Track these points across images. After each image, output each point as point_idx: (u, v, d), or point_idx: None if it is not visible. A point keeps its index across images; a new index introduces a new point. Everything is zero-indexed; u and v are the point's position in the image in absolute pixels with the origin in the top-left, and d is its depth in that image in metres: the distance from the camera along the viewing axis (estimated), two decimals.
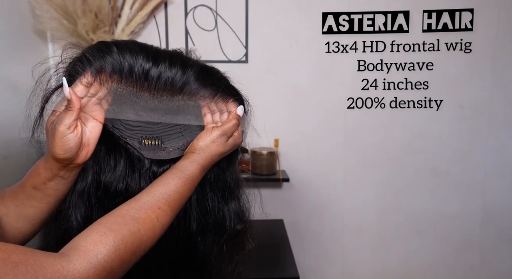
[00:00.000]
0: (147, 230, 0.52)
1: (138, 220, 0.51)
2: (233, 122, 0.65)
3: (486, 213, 1.93)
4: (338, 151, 1.89)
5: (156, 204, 0.54)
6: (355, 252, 1.98)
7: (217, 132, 0.64)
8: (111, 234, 0.48)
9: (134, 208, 0.53)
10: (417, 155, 1.89)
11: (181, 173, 0.59)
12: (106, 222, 0.50)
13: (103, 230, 0.48)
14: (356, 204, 1.94)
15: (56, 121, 0.58)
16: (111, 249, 0.47)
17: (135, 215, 0.52)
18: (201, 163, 0.62)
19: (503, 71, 1.83)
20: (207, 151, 0.63)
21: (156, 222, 0.53)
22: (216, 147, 0.63)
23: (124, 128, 0.63)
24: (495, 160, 1.90)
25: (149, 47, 0.61)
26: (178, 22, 1.76)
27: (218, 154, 0.64)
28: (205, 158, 0.62)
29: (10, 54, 1.40)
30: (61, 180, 0.59)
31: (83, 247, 0.45)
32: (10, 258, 0.40)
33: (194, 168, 0.61)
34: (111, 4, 1.60)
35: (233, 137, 0.65)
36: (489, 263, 1.98)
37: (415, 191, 1.92)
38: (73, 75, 0.60)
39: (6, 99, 1.36)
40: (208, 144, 0.63)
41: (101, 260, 0.45)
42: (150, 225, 0.52)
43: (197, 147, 0.63)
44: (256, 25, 1.78)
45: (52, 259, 0.43)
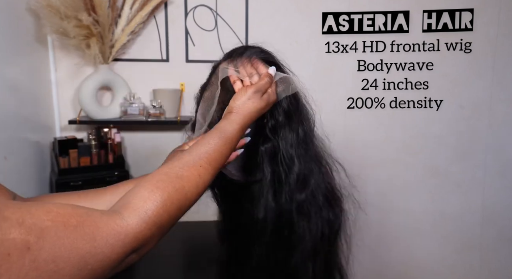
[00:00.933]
0: (190, 187, 0.56)
1: (182, 178, 0.55)
2: (266, 80, 0.71)
3: (486, 213, 1.93)
4: (338, 151, 1.89)
5: (198, 162, 0.59)
6: (355, 252, 1.97)
7: (251, 89, 0.69)
8: (158, 191, 0.51)
9: (178, 166, 0.57)
10: (417, 155, 1.89)
11: (221, 133, 0.64)
12: (152, 179, 0.53)
13: (150, 188, 0.52)
14: (356, 204, 1.93)
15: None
16: (159, 205, 0.50)
17: (179, 173, 0.56)
18: (239, 122, 0.66)
19: (503, 71, 1.83)
20: (244, 108, 0.68)
21: (199, 179, 0.57)
22: (252, 103, 0.68)
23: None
24: (495, 160, 1.90)
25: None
26: (178, 22, 1.76)
27: (255, 110, 0.69)
28: (243, 116, 0.67)
29: (10, 55, 1.40)
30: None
31: (133, 204, 0.49)
32: (69, 222, 0.42)
33: (233, 128, 0.65)
34: (111, 4, 1.60)
35: (267, 93, 0.71)
36: (489, 263, 1.98)
37: (415, 191, 1.92)
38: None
39: (6, 99, 1.36)
40: (245, 101, 0.68)
41: (150, 215, 0.49)
42: (193, 182, 0.56)
43: (234, 106, 0.68)
44: (256, 25, 1.78)
45: (106, 218, 0.46)
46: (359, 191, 2.02)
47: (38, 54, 1.64)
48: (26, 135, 1.52)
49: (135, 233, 0.47)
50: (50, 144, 1.69)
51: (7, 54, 1.37)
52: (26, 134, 1.52)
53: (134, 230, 0.47)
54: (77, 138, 1.66)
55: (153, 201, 0.50)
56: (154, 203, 0.50)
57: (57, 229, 0.41)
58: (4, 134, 1.33)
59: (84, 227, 0.43)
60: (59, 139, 1.61)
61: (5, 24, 1.37)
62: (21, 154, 1.46)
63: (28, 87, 1.55)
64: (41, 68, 1.66)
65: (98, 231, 0.44)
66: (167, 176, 0.54)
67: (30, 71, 1.57)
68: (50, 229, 0.40)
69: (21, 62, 1.49)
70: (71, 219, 0.43)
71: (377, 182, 1.92)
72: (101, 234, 0.44)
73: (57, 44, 1.69)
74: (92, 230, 0.43)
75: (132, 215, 0.48)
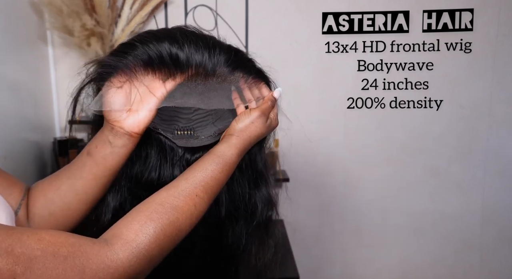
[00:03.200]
0: (185, 219, 0.53)
1: (177, 209, 0.52)
2: (269, 104, 0.65)
3: (486, 213, 1.93)
4: (338, 151, 1.89)
5: (193, 191, 0.55)
6: (355, 252, 1.98)
7: (256, 113, 0.63)
8: (151, 224, 0.49)
9: (173, 195, 0.53)
10: (417, 155, 1.89)
11: (219, 159, 0.58)
12: (146, 210, 0.51)
13: (144, 219, 0.49)
14: (356, 204, 1.94)
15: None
16: (151, 239, 0.48)
17: (174, 203, 0.52)
18: (239, 147, 0.61)
19: (503, 71, 1.83)
20: (246, 133, 0.62)
21: (194, 210, 0.54)
22: (255, 128, 0.63)
23: (159, 120, 0.64)
24: (495, 160, 1.90)
25: (173, 32, 0.60)
26: (178, 22, 1.75)
27: (256, 135, 0.63)
28: (244, 140, 0.61)
29: (10, 55, 1.40)
30: (109, 147, 0.59)
31: (125, 236, 0.47)
32: (59, 252, 0.41)
33: (231, 153, 0.60)
34: (111, 4, 1.60)
35: (270, 118, 0.66)
36: (489, 263, 1.98)
37: (415, 191, 1.92)
38: (103, 79, 0.59)
39: (6, 99, 1.36)
40: (248, 125, 0.62)
41: (142, 250, 0.47)
42: (188, 214, 0.53)
43: (236, 129, 0.62)
44: (256, 25, 1.78)
45: (97, 249, 0.44)
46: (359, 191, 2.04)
47: (38, 53, 1.64)
48: (26, 135, 1.52)
49: (125, 267, 0.45)
50: (50, 144, 1.69)
51: (7, 53, 1.37)
52: (26, 134, 1.52)
53: (124, 265, 0.45)
54: (77, 138, 1.66)
55: (146, 235, 0.48)
56: (147, 237, 0.48)
57: (46, 260, 0.40)
58: (4, 134, 1.33)
59: (75, 258, 0.42)
60: (59, 139, 1.61)
61: (5, 24, 1.37)
62: (21, 154, 1.46)
63: (28, 87, 1.54)
64: (41, 68, 1.66)
65: (88, 263, 0.42)
66: (162, 207, 0.51)
67: (30, 71, 1.57)
68: (39, 260, 0.39)
69: (21, 62, 1.49)
70: (62, 249, 0.41)
71: (377, 182, 1.92)
72: (90, 267, 0.42)
73: (57, 44, 1.69)
74: (82, 261, 0.42)
75: (124, 248, 0.46)
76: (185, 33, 0.60)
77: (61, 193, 0.61)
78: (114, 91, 0.57)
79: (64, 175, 0.62)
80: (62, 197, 0.61)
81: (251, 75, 0.65)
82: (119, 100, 0.57)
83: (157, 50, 0.56)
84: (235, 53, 0.64)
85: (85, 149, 0.62)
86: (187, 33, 0.61)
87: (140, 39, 0.58)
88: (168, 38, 0.58)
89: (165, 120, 0.66)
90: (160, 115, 0.64)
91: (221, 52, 0.61)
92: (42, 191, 0.62)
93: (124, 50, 0.57)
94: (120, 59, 0.56)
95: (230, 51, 0.63)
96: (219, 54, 0.61)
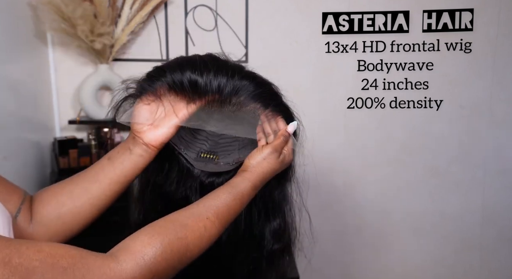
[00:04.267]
0: (194, 239, 0.53)
1: (186, 227, 0.53)
2: (282, 139, 0.66)
3: (486, 213, 1.93)
4: (338, 151, 1.89)
5: (205, 214, 0.56)
6: (355, 252, 1.98)
7: (268, 150, 0.65)
8: (159, 237, 0.49)
9: (184, 215, 0.55)
10: (417, 155, 1.89)
11: (232, 189, 0.61)
12: (155, 225, 0.51)
13: (151, 233, 0.49)
14: (356, 204, 1.93)
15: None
16: (158, 252, 0.48)
17: (184, 222, 0.53)
18: (252, 181, 0.63)
19: (503, 71, 1.83)
20: (258, 168, 0.64)
21: (204, 231, 0.54)
22: (267, 164, 0.64)
23: (191, 138, 0.70)
24: (495, 160, 1.90)
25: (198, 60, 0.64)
26: (178, 22, 1.76)
27: (269, 171, 0.65)
28: (257, 175, 0.63)
29: (10, 55, 1.40)
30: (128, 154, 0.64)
31: (132, 248, 0.47)
32: (58, 263, 0.41)
33: (245, 185, 0.62)
34: (111, 4, 1.60)
35: (283, 154, 0.66)
36: (489, 263, 1.98)
37: (415, 191, 1.92)
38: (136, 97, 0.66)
39: (6, 99, 1.36)
40: (260, 162, 0.64)
41: (147, 262, 0.46)
42: (197, 234, 0.53)
43: (249, 165, 0.64)
44: (256, 25, 1.78)
45: (100, 261, 0.44)
46: (359, 191, 2.04)
47: (38, 54, 1.64)
48: (26, 135, 1.52)
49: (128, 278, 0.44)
50: (50, 144, 1.69)
51: (7, 53, 1.37)
52: (26, 134, 1.52)
53: (127, 276, 0.44)
54: (77, 138, 1.66)
55: (152, 247, 0.47)
56: (153, 249, 0.47)
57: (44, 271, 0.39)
58: (4, 134, 1.33)
59: (75, 270, 0.41)
60: (59, 139, 1.61)
61: (5, 24, 1.37)
62: (21, 154, 1.46)
63: (28, 87, 1.55)
64: (40, 68, 1.66)
65: (89, 274, 0.42)
66: (171, 223, 0.52)
67: (30, 71, 1.57)
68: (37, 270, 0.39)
69: (21, 62, 1.49)
70: (61, 261, 0.41)
71: (377, 182, 1.92)
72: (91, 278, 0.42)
73: (57, 44, 1.69)
74: (82, 273, 0.41)
75: (128, 259, 0.45)
76: (210, 61, 0.65)
77: (74, 196, 0.63)
78: (141, 106, 0.64)
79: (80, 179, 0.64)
80: (75, 200, 0.63)
81: (268, 107, 0.66)
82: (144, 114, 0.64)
83: (180, 77, 0.62)
84: (258, 84, 0.65)
85: (106, 155, 0.66)
86: (211, 61, 0.65)
87: (169, 65, 0.65)
88: (191, 65, 0.63)
89: (196, 139, 0.70)
90: (194, 134, 0.70)
91: (242, 80, 0.64)
92: (54, 194, 0.63)
93: (155, 75, 0.64)
94: (150, 83, 0.64)
95: (252, 80, 0.65)
96: (238, 82, 0.63)
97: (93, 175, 0.64)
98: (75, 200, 0.62)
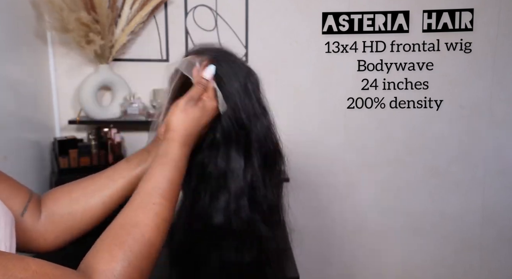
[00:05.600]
0: (151, 232, 0.51)
1: (138, 225, 0.50)
2: (197, 86, 0.63)
3: (486, 213, 1.93)
4: (338, 151, 1.89)
5: (149, 201, 0.53)
6: (355, 252, 1.98)
7: (183, 101, 0.61)
8: (119, 250, 0.47)
9: (130, 212, 0.52)
10: (417, 155, 1.89)
11: (163, 158, 0.58)
12: (107, 238, 0.49)
13: (109, 247, 0.48)
14: (356, 204, 1.93)
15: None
16: (125, 263, 0.46)
17: (133, 220, 0.51)
18: (177, 139, 0.59)
19: (503, 71, 1.83)
20: (179, 123, 0.60)
21: (157, 219, 0.52)
22: (186, 115, 0.60)
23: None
24: (495, 160, 1.90)
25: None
26: (178, 22, 1.76)
27: (191, 122, 0.61)
28: (180, 131, 0.60)
29: (10, 55, 1.40)
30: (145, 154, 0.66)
31: (98, 268, 0.46)
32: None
33: (173, 148, 0.58)
34: (111, 4, 1.60)
35: (202, 100, 0.62)
36: (489, 263, 1.98)
37: (415, 191, 1.92)
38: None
39: (6, 99, 1.36)
40: (178, 116, 0.60)
41: (119, 276, 0.45)
42: (152, 225, 0.51)
43: (170, 123, 0.60)
44: (256, 25, 1.78)
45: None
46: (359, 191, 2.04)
47: (38, 53, 1.64)
48: (26, 135, 1.52)
49: None
50: (50, 144, 1.69)
51: (7, 53, 1.37)
52: (26, 134, 1.52)
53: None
54: (77, 138, 1.66)
55: (118, 261, 0.46)
56: (119, 263, 0.46)
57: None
58: (4, 134, 1.33)
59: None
60: (59, 139, 1.61)
61: (5, 24, 1.37)
62: (21, 154, 1.46)
63: (28, 86, 1.54)
64: (41, 68, 1.66)
65: None
66: (122, 229, 0.50)
67: (30, 71, 1.57)
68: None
69: (21, 62, 1.49)
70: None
71: (377, 182, 1.92)
72: None
73: (57, 44, 1.69)
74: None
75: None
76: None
77: (88, 193, 0.63)
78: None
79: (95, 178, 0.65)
80: (88, 197, 0.63)
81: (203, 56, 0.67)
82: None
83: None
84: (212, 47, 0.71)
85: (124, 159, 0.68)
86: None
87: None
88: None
89: None
90: None
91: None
92: (67, 191, 0.64)
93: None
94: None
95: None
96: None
97: (109, 175, 0.65)
98: (88, 197, 0.63)
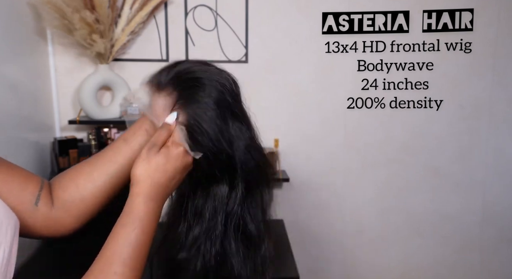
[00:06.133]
0: None
1: None
2: (160, 131, 0.58)
3: (486, 213, 1.93)
4: (338, 151, 1.89)
5: (110, 270, 0.48)
6: (355, 252, 1.98)
7: (145, 149, 0.56)
8: None
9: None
10: (417, 155, 1.89)
11: (127, 218, 0.53)
12: None
13: None
14: (356, 204, 1.93)
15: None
16: None
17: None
18: (143, 193, 0.54)
19: (503, 71, 1.83)
20: (144, 174, 0.55)
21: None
22: (147, 164, 0.55)
23: None
24: (495, 160, 1.90)
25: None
26: (178, 22, 1.76)
27: (157, 172, 0.55)
28: (146, 183, 0.54)
29: (10, 55, 1.40)
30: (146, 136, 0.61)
31: None
32: None
33: (138, 204, 0.53)
34: (111, 4, 1.60)
35: (166, 146, 0.57)
36: (489, 263, 1.98)
37: (415, 191, 1.92)
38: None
39: (6, 99, 1.36)
40: (142, 166, 0.55)
41: None
42: None
43: (134, 175, 0.55)
44: (256, 25, 1.78)
45: None
46: (359, 191, 2.04)
47: (38, 54, 1.64)
48: (26, 135, 1.52)
49: None
50: (50, 144, 1.69)
51: (7, 53, 1.37)
52: (26, 134, 1.52)
53: None
54: (77, 138, 1.66)
55: None
56: None
57: None
58: (4, 134, 1.33)
59: None
60: (59, 139, 1.61)
61: (5, 24, 1.37)
62: (21, 154, 1.46)
63: (28, 86, 1.54)
64: (41, 68, 1.66)
65: None
66: None
67: (30, 71, 1.57)
68: None
69: (21, 62, 1.49)
70: None
71: (377, 182, 1.92)
72: None
73: (57, 44, 1.69)
74: None
75: None
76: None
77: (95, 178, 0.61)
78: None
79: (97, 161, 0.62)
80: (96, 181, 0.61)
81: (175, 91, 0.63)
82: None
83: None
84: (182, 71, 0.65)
85: (120, 137, 0.63)
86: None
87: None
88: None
89: None
90: None
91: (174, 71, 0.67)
92: (72, 179, 0.62)
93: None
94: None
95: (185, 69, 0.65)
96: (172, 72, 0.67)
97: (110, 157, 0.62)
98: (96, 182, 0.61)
